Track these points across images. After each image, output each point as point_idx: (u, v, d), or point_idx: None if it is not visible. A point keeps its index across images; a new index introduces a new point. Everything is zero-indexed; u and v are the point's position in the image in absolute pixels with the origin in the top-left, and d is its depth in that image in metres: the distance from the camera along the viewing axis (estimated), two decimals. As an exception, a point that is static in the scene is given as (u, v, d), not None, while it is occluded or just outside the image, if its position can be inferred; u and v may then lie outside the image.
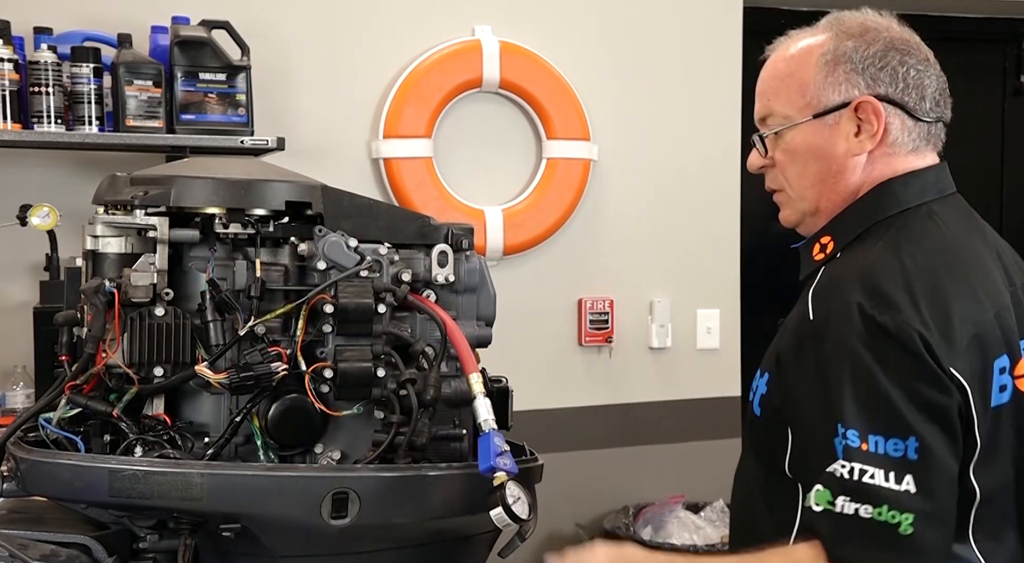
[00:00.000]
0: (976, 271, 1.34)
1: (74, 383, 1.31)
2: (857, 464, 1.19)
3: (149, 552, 1.32)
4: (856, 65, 1.37)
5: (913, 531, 1.18)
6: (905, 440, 1.19)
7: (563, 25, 3.31)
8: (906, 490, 1.18)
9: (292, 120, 3.03)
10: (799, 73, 1.40)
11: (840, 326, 1.24)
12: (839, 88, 1.37)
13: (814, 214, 1.43)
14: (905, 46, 1.39)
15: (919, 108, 1.39)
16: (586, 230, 3.37)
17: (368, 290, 1.36)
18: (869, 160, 1.39)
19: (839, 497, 1.20)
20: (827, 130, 1.38)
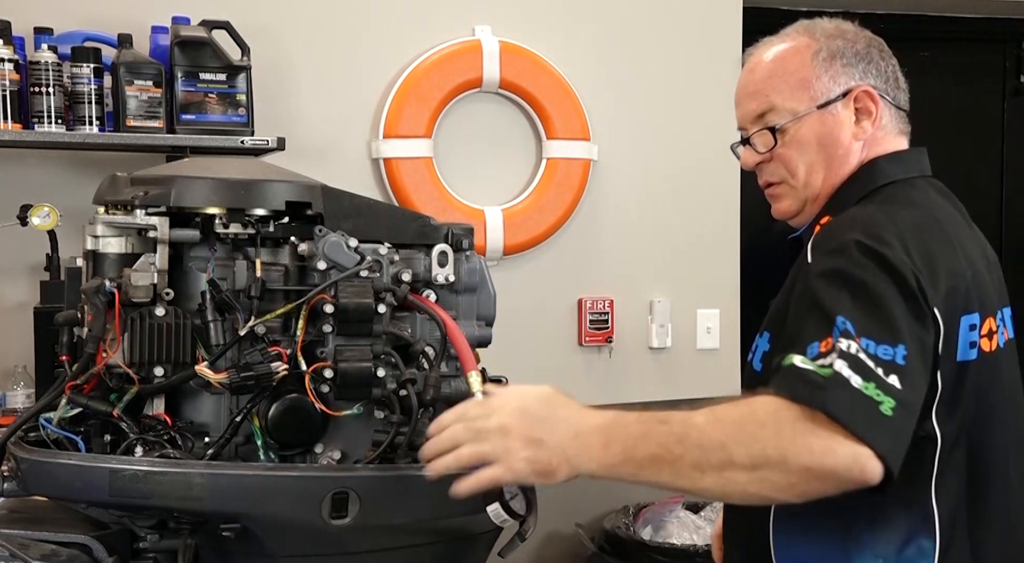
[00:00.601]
0: (956, 233, 1.43)
1: (74, 383, 1.32)
2: (850, 341, 1.20)
3: (149, 552, 1.32)
4: (849, 59, 1.50)
5: (893, 415, 1.17)
6: (894, 347, 1.22)
7: (563, 25, 3.31)
8: (891, 383, 1.19)
9: (292, 120, 3.03)
10: (798, 70, 1.50)
11: (837, 257, 1.29)
12: (838, 80, 1.49)
13: (815, 200, 1.52)
14: (880, 45, 1.54)
15: (898, 97, 1.53)
16: (586, 230, 3.37)
17: (368, 290, 1.36)
18: (866, 144, 1.50)
19: (837, 360, 1.18)
20: (831, 119, 1.49)
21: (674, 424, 1.22)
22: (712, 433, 1.19)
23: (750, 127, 1.53)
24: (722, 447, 1.18)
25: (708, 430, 1.20)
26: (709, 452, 1.19)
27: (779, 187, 1.54)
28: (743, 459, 1.17)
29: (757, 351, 1.46)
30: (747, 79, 1.55)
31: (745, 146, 1.54)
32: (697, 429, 1.20)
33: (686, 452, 1.19)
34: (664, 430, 1.22)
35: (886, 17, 3.61)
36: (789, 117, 1.49)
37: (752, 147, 1.53)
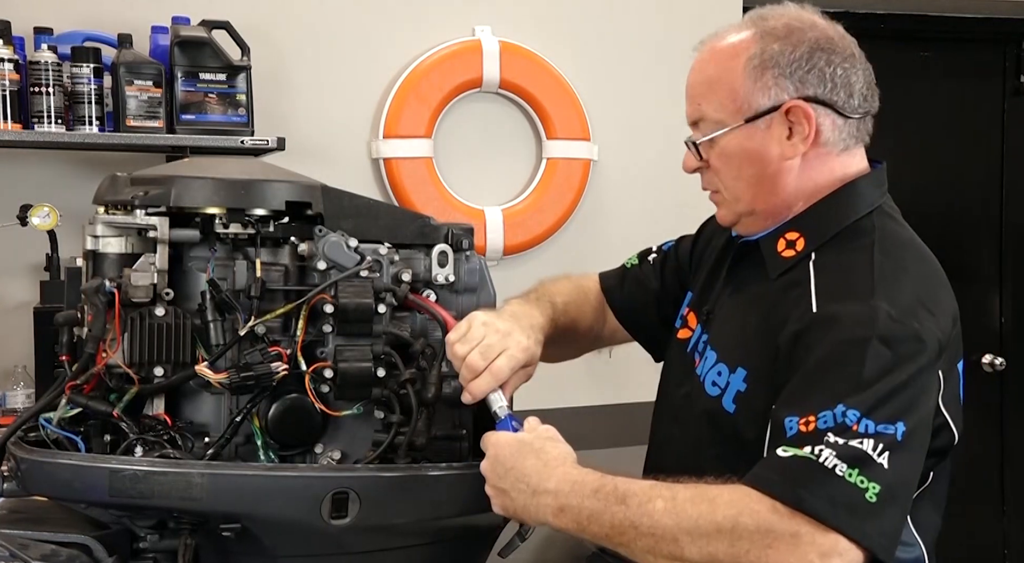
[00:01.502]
0: (942, 275, 1.40)
1: (74, 383, 1.31)
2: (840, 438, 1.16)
3: (149, 552, 1.32)
4: (783, 69, 1.36)
5: (877, 502, 1.13)
6: (894, 423, 1.18)
7: (563, 25, 3.31)
8: (880, 464, 1.15)
9: (292, 120, 3.03)
10: (727, 78, 1.39)
11: (863, 326, 1.22)
12: (768, 92, 1.37)
13: (750, 215, 1.44)
14: (829, 44, 1.38)
15: (847, 106, 1.38)
16: (586, 230, 3.36)
17: (368, 290, 1.36)
18: (804, 161, 1.39)
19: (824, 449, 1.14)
20: (759, 134, 1.38)
21: (631, 506, 1.18)
22: (667, 524, 1.15)
23: (692, 130, 1.46)
24: (675, 541, 1.15)
25: (663, 520, 1.16)
26: (661, 542, 1.16)
27: (716, 195, 1.48)
28: (695, 557, 1.14)
29: (729, 390, 1.37)
30: (689, 79, 1.45)
31: (688, 149, 1.47)
32: (652, 517, 1.16)
33: (638, 538, 1.17)
34: (620, 512, 1.18)
35: (886, 17, 3.61)
36: (717, 129, 1.40)
37: (690, 153, 1.46)
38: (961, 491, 4.16)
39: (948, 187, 3.85)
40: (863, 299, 1.25)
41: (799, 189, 1.40)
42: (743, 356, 1.37)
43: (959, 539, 3.75)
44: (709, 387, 1.41)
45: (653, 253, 1.80)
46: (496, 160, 3.29)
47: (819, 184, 1.40)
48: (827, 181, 1.40)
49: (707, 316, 1.50)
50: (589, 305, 1.74)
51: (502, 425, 1.34)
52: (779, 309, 1.33)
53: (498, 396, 1.36)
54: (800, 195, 1.41)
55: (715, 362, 1.41)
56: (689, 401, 1.47)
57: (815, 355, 1.23)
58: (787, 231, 1.40)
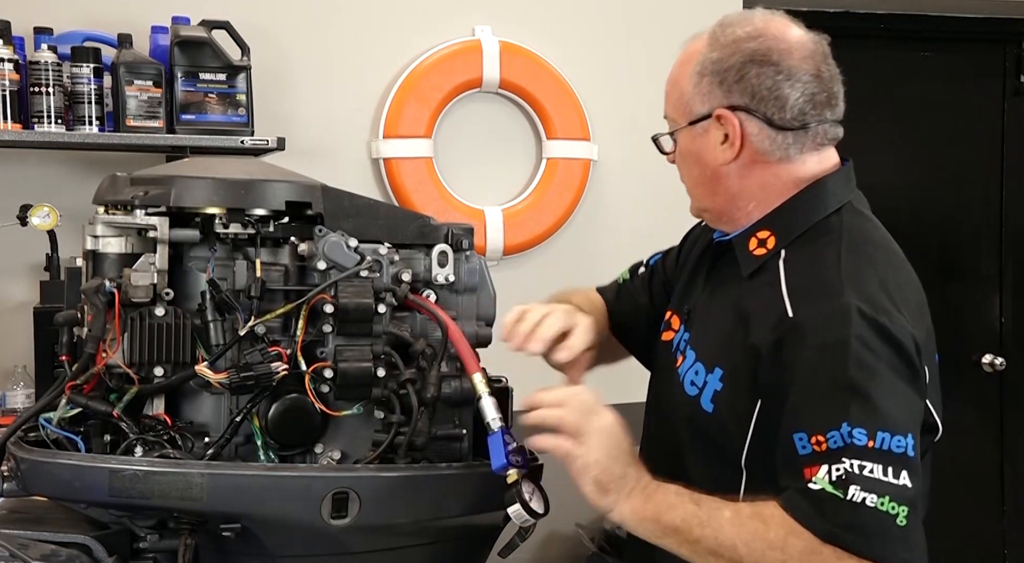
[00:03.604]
0: (912, 274, 1.44)
1: (74, 383, 1.31)
2: (856, 461, 1.22)
3: (149, 552, 1.32)
4: (715, 77, 1.41)
5: (907, 523, 1.21)
6: (905, 437, 1.24)
7: (563, 25, 3.31)
8: (904, 484, 1.22)
9: (292, 120, 3.03)
10: (680, 81, 1.47)
11: (838, 327, 1.27)
12: (704, 98, 1.43)
13: (706, 211, 1.52)
14: (765, 57, 1.39)
15: (778, 117, 1.39)
16: (586, 230, 3.36)
17: (368, 290, 1.36)
18: (740, 168, 1.43)
19: (851, 487, 1.21)
20: (699, 138, 1.45)
21: (703, 508, 1.29)
22: (729, 532, 1.26)
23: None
24: (734, 548, 1.25)
25: (727, 527, 1.26)
26: (723, 547, 1.26)
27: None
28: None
29: (707, 389, 1.41)
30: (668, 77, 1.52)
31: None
32: (717, 522, 1.27)
33: (704, 536, 1.27)
34: (692, 510, 1.29)
35: (886, 17, 3.61)
36: (672, 127, 1.49)
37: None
38: (961, 491, 4.17)
39: (948, 187, 3.85)
40: (833, 298, 1.29)
41: (743, 192, 1.44)
42: (720, 356, 1.41)
43: (959, 539, 3.75)
44: (688, 387, 1.45)
45: (642, 267, 1.84)
46: (496, 160, 3.29)
47: (768, 188, 1.43)
48: (779, 185, 1.43)
49: (687, 315, 1.54)
50: (603, 317, 1.77)
51: (494, 439, 1.33)
52: (753, 310, 1.37)
53: (492, 408, 1.35)
54: (749, 198, 1.44)
55: (693, 362, 1.45)
56: (671, 402, 1.51)
57: (802, 366, 1.27)
58: (759, 230, 1.44)
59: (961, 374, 3.82)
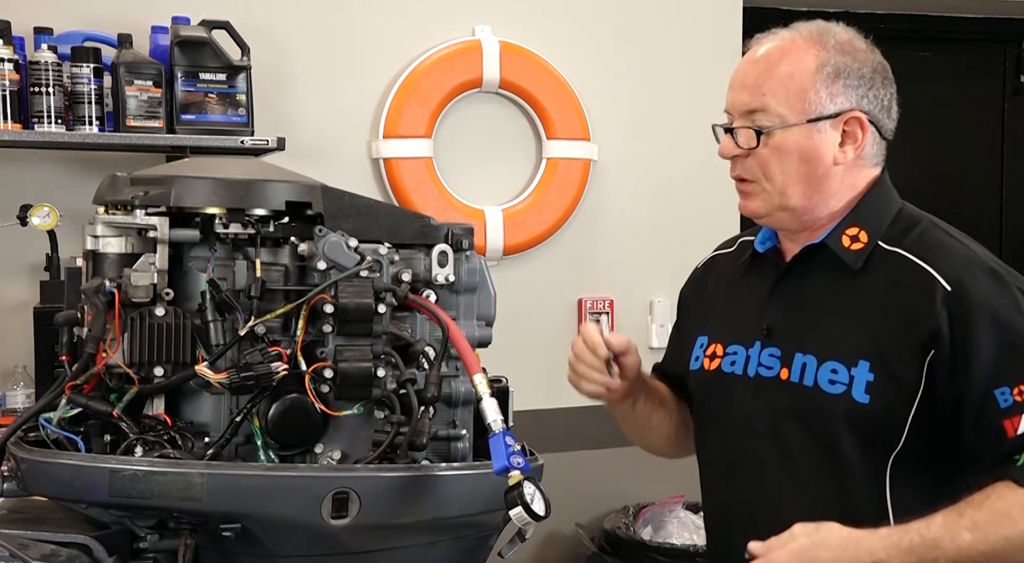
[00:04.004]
0: None
1: (74, 383, 1.31)
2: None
3: (149, 552, 1.32)
4: (852, 81, 1.49)
5: None
6: None
7: (563, 25, 3.31)
8: None
9: (292, 120, 3.03)
10: (800, 78, 1.48)
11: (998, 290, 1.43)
12: (836, 99, 1.48)
13: (785, 210, 1.52)
14: (884, 72, 1.54)
15: (885, 127, 1.55)
16: (586, 230, 3.36)
17: (368, 290, 1.36)
18: (846, 169, 1.52)
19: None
20: (817, 136, 1.49)
21: (946, 548, 1.33)
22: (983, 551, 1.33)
23: (738, 118, 1.52)
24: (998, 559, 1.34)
25: (979, 548, 1.33)
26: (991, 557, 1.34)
27: (751, 185, 1.53)
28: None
29: (856, 383, 1.46)
30: (748, 70, 1.52)
31: (727, 134, 1.53)
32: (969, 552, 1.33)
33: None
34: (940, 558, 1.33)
35: (886, 17, 3.61)
36: (777, 122, 1.48)
37: (734, 139, 1.51)
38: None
39: (948, 187, 3.86)
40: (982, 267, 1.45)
41: (838, 192, 1.52)
42: (862, 349, 1.46)
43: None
44: (828, 387, 1.48)
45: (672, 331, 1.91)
46: (496, 160, 3.29)
47: (854, 190, 1.54)
48: (859, 188, 1.54)
49: (767, 331, 1.56)
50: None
51: (495, 440, 1.32)
52: (898, 295, 1.46)
53: (493, 410, 1.35)
54: (839, 198, 1.53)
55: (819, 364, 1.49)
56: (791, 411, 1.52)
57: (984, 329, 1.40)
58: (846, 228, 1.52)
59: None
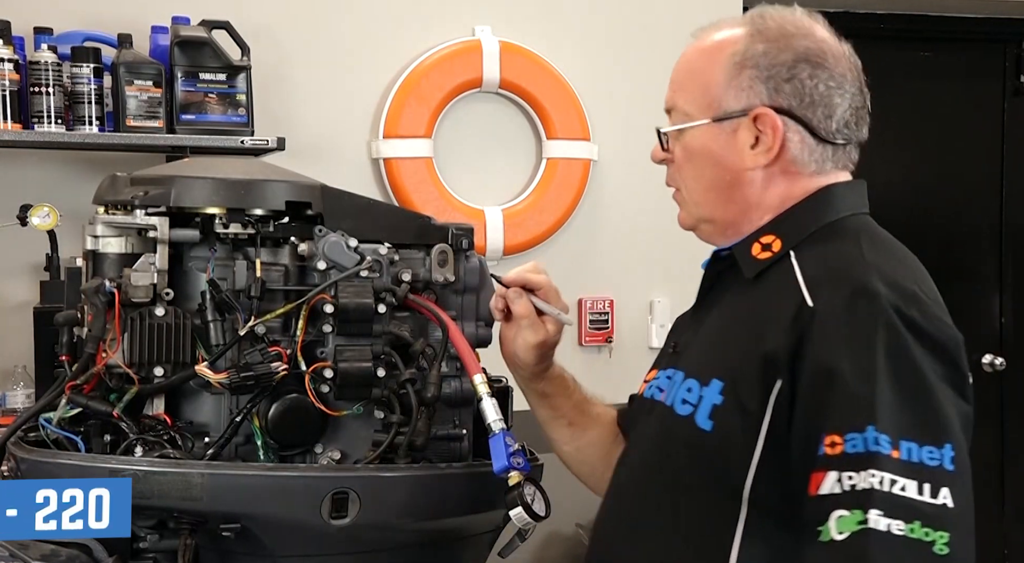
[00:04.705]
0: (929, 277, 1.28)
1: (74, 383, 1.31)
2: (888, 474, 1.04)
3: (149, 552, 1.32)
4: (761, 72, 1.26)
5: (949, 551, 1.02)
6: (940, 448, 1.06)
7: (563, 25, 3.31)
8: (943, 504, 1.03)
9: (292, 120, 3.03)
10: (707, 70, 1.30)
11: (865, 316, 1.11)
12: (741, 94, 1.27)
13: (709, 222, 1.35)
14: (819, 58, 1.25)
15: (823, 127, 1.26)
16: (586, 230, 3.37)
17: (368, 290, 1.36)
18: (767, 176, 1.28)
19: (871, 512, 1.02)
20: (724, 137, 1.28)
21: None
22: None
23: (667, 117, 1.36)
24: None
25: None
26: None
27: (677, 194, 1.38)
28: None
29: (702, 405, 1.21)
30: (675, 65, 1.36)
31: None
32: None
33: None
34: None
35: (886, 17, 3.61)
36: (684, 121, 1.31)
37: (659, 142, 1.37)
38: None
39: (948, 187, 3.85)
40: (858, 283, 1.13)
41: (760, 204, 1.29)
42: (718, 367, 1.22)
43: (959, 539, 3.74)
44: (680, 407, 1.25)
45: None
46: (496, 160, 3.29)
47: (788, 202, 1.29)
48: (793, 200, 1.29)
49: (674, 350, 1.40)
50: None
51: (495, 441, 1.32)
52: (763, 311, 1.20)
53: (493, 410, 1.35)
54: (763, 210, 1.30)
55: (682, 381, 1.27)
56: (656, 436, 1.32)
57: (825, 358, 1.11)
58: (762, 235, 1.29)
59: (961, 374, 3.82)
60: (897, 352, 1.09)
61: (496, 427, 1.33)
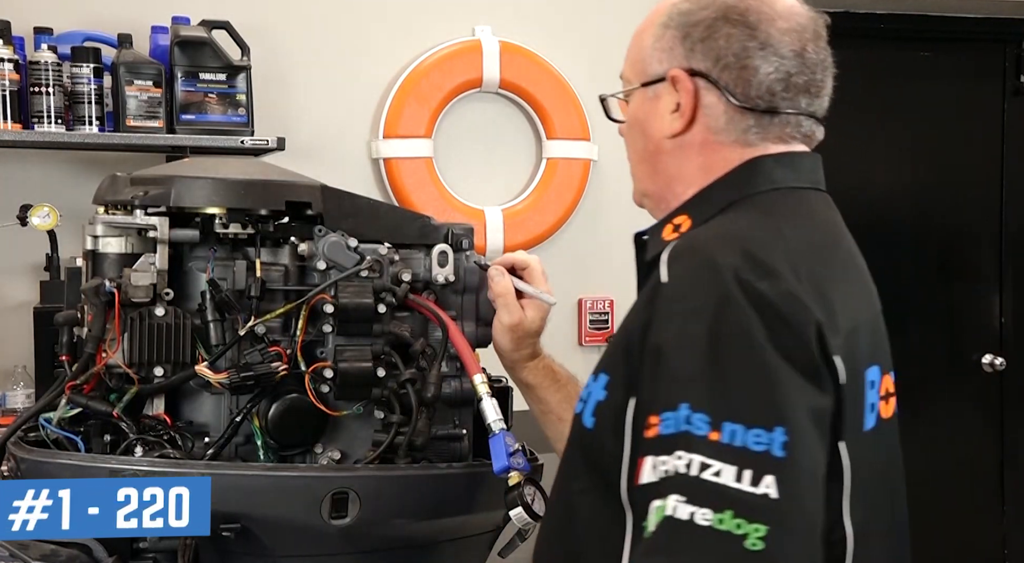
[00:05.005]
0: (856, 263, 1.17)
1: (74, 383, 1.31)
2: (699, 456, 0.92)
3: (149, 552, 1.32)
4: (679, 31, 1.15)
5: (764, 547, 0.88)
6: (770, 431, 0.93)
7: (563, 25, 3.31)
8: (764, 494, 0.90)
9: (292, 120, 3.03)
10: (642, 34, 1.21)
11: (703, 288, 0.99)
12: (663, 56, 1.16)
13: (646, 196, 1.26)
14: (741, 16, 1.12)
15: (738, 93, 1.12)
16: (586, 230, 3.37)
17: (368, 290, 1.36)
18: (684, 145, 1.17)
19: (670, 497, 0.91)
20: (648, 103, 1.19)
21: None
22: None
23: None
24: None
25: None
26: None
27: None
28: None
29: (589, 402, 1.09)
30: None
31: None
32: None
33: None
34: None
35: (886, 17, 3.61)
36: (625, 88, 1.23)
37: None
38: (961, 491, 4.16)
39: (948, 187, 3.85)
40: (705, 254, 1.03)
41: (681, 176, 1.18)
42: (605, 359, 1.11)
43: (959, 539, 3.75)
44: (577, 405, 1.13)
45: None
46: (496, 160, 3.29)
47: (708, 175, 1.16)
48: (715, 173, 1.16)
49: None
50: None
51: (495, 441, 1.32)
52: (641, 295, 1.10)
53: (493, 411, 1.35)
54: (687, 183, 1.18)
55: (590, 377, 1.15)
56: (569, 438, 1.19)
57: (657, 332, 1.00)
58: (675, 216, 1.18)
59: (961, 374, 3.83)
60: (732, 327, 0.97)
61: (496, 427, 1.33)
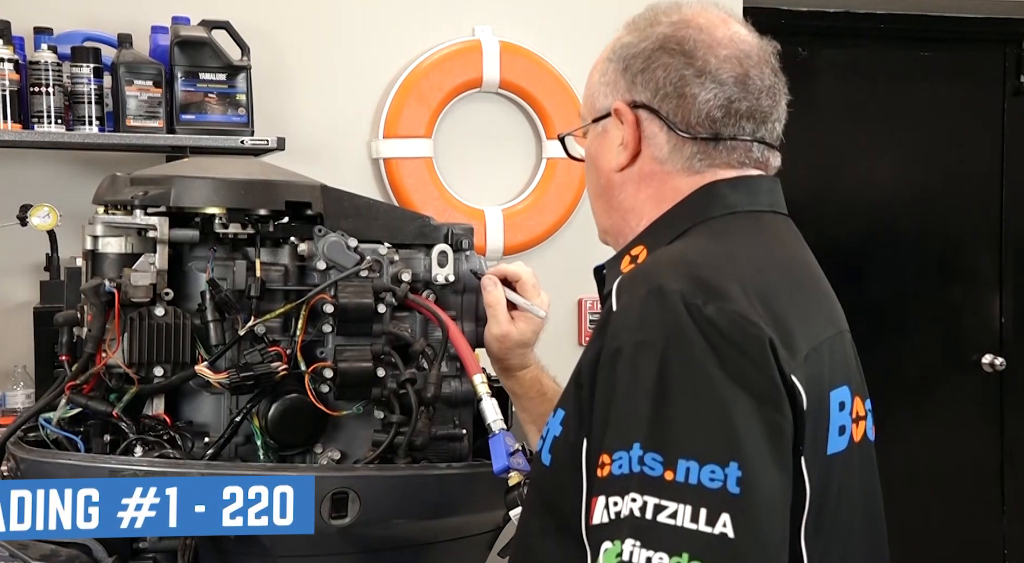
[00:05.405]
0: (817, 284, 1.15)
1: (74, 383, 1.31)
2: (653, 498, 0.90)
3: (149, 552, 1.32)
4: (620, 64, 1.16)
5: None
6: (724, 467, 0.90)
7: (563, 25, 3.31)
8: (720, 534, 0.89)
9: (292, 120, 3.03)
10: (593, 71, 1.23)
11: (652, 317, 0.97)
12: (607, 90, 1.18)
13: (605, 232, 1.26)
14: (678, 46, 1.12)
15: (680, 120, 1.12)
16: (586, 230, 3.34)
17: (368, 290, 1.36)
18: (633, 178, 1.17)
19: (626, 542, 0.89)
20: (599, 139, 1.20)
21: None
22: None
23: None
24: None
25: None
26: None
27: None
28: None
29: (547, 438, 1.08)
30: None
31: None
32: None
33: None
34: None
35: (886, 17, 3.61)
36: (577, 128, 1.24)
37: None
38: (961, 491, 4.16)
39: (948, 187, 3.85)
40: (652, 281, 1.00)
41: (635, 209, 1.18)
42: (564, 394, 1.10)
43: (959, 539, 3.75)
44: (538, 442, 1.13)
45: None
46: (496, 160, 3.29)
47: (661, 205, 1.16)
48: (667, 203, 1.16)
49: None
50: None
51: (495, 441, 1.32)
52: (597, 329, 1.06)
53: (493, 411, 1.35)
54: (640, 215, 1.18)
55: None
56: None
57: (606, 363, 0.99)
58: (633, 247, 1.17)
59: (961, 374, 3.83)
60: (682, 359, 0.94)
61: (496, 427, 1.33)
